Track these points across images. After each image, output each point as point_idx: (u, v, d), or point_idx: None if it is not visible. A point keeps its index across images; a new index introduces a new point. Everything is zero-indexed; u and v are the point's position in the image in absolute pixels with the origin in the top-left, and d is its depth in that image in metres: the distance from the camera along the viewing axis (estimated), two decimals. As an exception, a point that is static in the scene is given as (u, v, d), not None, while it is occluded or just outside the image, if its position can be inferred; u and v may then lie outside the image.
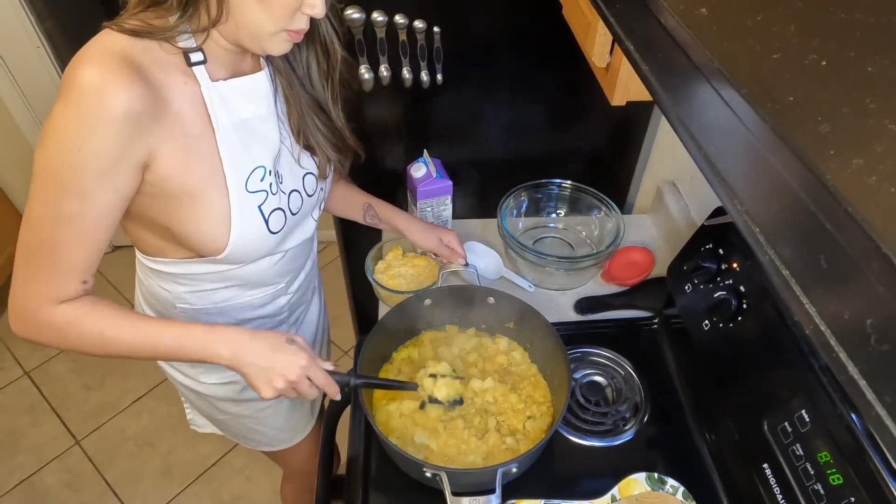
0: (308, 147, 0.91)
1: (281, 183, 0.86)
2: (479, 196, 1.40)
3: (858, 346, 0.22)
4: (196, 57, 0.73)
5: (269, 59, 0.85)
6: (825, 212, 0.24)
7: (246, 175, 0.80)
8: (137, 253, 0.92)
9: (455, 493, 0.82)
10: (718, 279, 0.94)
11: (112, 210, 0.72)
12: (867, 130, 0.25)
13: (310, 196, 0.93)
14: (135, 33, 0.68)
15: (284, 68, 0.86)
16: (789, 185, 0.26)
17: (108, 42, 0.68)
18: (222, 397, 1.05)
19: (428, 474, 0.84)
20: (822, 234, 0.24)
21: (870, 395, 0.22)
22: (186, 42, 0.72)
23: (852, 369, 0.23)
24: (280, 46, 0.75)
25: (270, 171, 0.84)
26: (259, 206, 0.82)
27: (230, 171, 0.78)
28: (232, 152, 0.78)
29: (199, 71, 0.74)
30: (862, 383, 0.22)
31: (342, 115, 0.94)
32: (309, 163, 0.92)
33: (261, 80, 0.82)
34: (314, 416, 1.24)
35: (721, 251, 0.96)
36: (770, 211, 0.28)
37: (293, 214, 0.89)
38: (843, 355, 0.23)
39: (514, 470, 0.87)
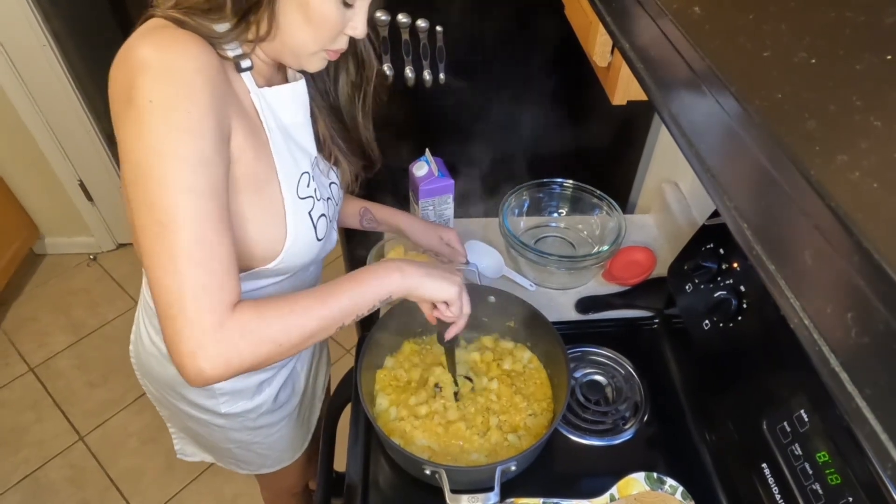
0: (332, 158, 0.92)
1: (318, 190, 0.86)
2: (480, 195, 1.40)
3: (840, 339, 0.23)
4: (245, 63, 0.73)
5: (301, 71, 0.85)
6: (810, 208, 0.24)
7: (296, 180, 0.80)
8: None
9: (454, 491, 0.82)
10: (719, 279, 0.94)
11: (226, 187, 0.67)
12: (853, 127, 0.25)
13: (337, 205, 0.93)
14: (181, 24, 0.66)
15: (309, 80, 0.87)
16: (777, 181, 0.27)
17: (158, 22, 0.67)
18: (237, 427, 1.03)
19: (427, 472, 0.85)
20: (806, 229, 0.24)
21: (850, 388, 0.22)
22: (233, 50, 0.72)
23: (834, 362, 0.23)
24: (318, 64, 0.76)
25: (313, 178, 0.84)
26: (309, 212, 0.82)
27: (282, 175, 0.78)
28: (282, 156, 0.78)
29: (246, 77, 0.74)
30: (843, 376, 0.22)
31: (371, 127, 0.94)
32: (332, 173, 0.93)
33: (301, 89, 0.82)
34: (311, 431, 1.24)
35: (722, 251, 0.96)
36: (758, 207, 0.28)
37: (330, 221, 0.89)
38: (825, 349, 0.23)
39: (513, 468, 0.87)
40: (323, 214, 0.85)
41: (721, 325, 0.91)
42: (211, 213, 0.64)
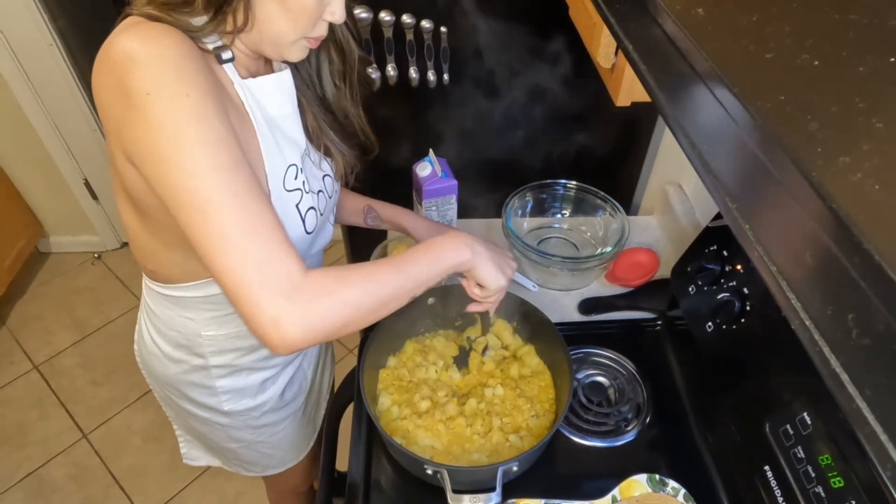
0: (323, 148, 0.91)
1: (307, 182, 0.85)
2: (484, 196, 1.40)
3: (841, 340, 0.23)
4: (226, 55, 0.72)
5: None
6: (812, 209, 0.24)
7: (283, 172, 0.79)
8: (154, 286, 0.89)
9: (456, 491, 0.82)
10: (722, 281, 0.94)
11: (246, 160, 0.66)
12: (855, 129, 0.25)
13: (330, 197, 0.92)
14: (158, 20, 0.66)
15: (294, 71, 0.86)
16: (779, 182, 0.27)
17: (134, 20, 0.66)
18: (241, 426, 1.03)
19: (429, 472, 0.85)
20: (808, 230, 0.24)
21: (850, 388, 0.22)
22: (213, 43, 0.72)
23: (834, 363, 0.23)
24: (299, 53, 0.75)
25: (301, 170, 0.83)
26: (296, 205, 0.81)
27: (269, 167, 0.77)
28: (269, 148, 0.77)
29: (228, 68, 0.74)
30: (844, 377, 0.22)
31: (363, 114, 0.93)
32: (325, 164, 0.92)
33: (286, 79, 0.81)
34: (317, 430, 1.24)
35: (725, 253, 0.95)
36: (760, 208, 0.28)
37: (321, 215, 0.88)
38: (826, 349, 0.23)
39: (515, 468, 0.87)
40: (312, 207, 0.84)
41: (724, 327, 0.91)
42: (244, 185, 0.63)
